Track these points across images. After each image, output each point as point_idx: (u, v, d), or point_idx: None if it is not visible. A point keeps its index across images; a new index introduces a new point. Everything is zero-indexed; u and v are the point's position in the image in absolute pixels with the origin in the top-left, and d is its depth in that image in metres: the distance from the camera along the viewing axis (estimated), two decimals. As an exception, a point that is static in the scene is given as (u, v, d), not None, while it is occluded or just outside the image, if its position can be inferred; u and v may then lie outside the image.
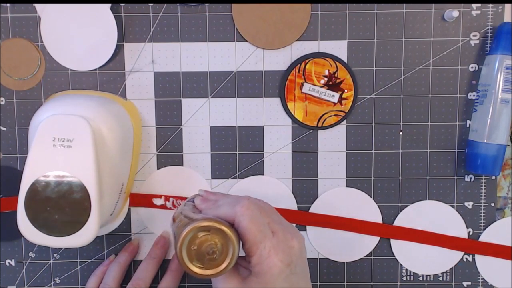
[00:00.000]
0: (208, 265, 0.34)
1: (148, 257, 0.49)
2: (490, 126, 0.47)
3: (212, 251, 0.33)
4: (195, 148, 0.50)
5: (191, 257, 0.33)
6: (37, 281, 0.51)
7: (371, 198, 0.51)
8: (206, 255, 0.33)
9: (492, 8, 0.49)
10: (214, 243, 0.33)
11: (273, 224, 0.36)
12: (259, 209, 0.36)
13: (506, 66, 0.46)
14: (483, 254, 0.51)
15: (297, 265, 0.36)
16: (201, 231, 0.33)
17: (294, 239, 0.36)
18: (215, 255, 0.34)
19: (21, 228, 0.39)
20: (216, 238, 0.33)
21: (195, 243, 0.33)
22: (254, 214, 0.35)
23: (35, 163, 0.38)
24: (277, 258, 0.34)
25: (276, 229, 0.36)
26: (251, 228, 0.34)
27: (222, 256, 0.34)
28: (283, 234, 0.36)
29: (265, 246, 0.34)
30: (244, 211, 0.35)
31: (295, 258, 0.35)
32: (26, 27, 0.48)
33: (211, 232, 0.33)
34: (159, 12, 0.48)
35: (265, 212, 0.37)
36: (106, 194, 0.41)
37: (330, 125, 0.50)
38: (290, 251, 0.35)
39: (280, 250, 0.35)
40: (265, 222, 0.35)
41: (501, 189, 0.51)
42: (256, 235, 0.34)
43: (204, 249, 0.33)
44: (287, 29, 0.48)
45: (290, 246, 0.36)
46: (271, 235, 0.35)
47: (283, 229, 0.36)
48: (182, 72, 0.49)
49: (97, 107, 0.42)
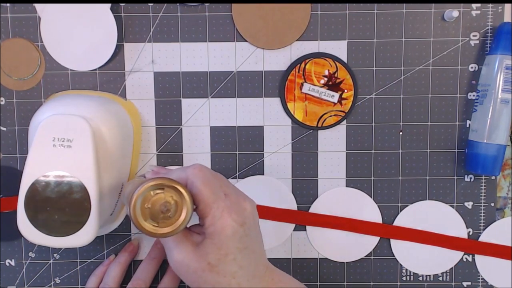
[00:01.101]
0: (162, 223, 0.33)
1: (148, 257, 0.49)
2: (490, 126, 0.47)
3: (166, 209, 0.33)
4: (195, 148, 0.50)
5: (145, 216, 0.33)
6: (37, 281, 0.51)
7: (371, 198, 0.51)
8: (160, 214, 0.33)
9: (492, 8, 0.49)
10: (168, 201, 0.33)
11: (225, 187, 0.37)
12: (211, 173, 0.36)
13: (506, 66, 0.46)
14: (483, 254, 0.51)
15: (250, 227, 0.36)
16: (155, 189, 0.33)
17: (246, 202, 0.37)
18: (169, 213, 0.33)
19: (21, 228, 0.39)
20: (170, 196, 0.33)
21: (149, 202, 0.33)
22: (206, 175, 0.35)
23: (35, 163, 0.38)
24: (230, 218, 0.35)
25: (229, 192, 0.36)
26: (203, 189, 0.35)
27: (176, 215, 0.33)
28: (236, 196, 0.36)
29: (218, 206, 0.35)
30: (196, 172, 0.35)
31: (248, 220, 0.36)
32: (26, 27, 0.48)
33: (165, 190, 0.33)
34: (159, 12, 0.48)
35: (217, 177, 0.37)
36: (106, 194, 0.41)
37: (330, 125, 0.50)
38: (243, 212, 0.36)
39: (233, 210, 0.35)
40: (218, 185, 0.36)
41: (501, 189, 0.51)
42: (209, 196, 0.35)
43: (158, 207, 0.33)
44: (287, 29, 0.48)
45: (243, 207, 0.36)
46: (223, 196, 0.35)
47: (235, 192, 0.37)
48: (182, 72, 0.49)
49: (97, 107, 0.42)
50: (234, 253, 0.35)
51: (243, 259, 0.35)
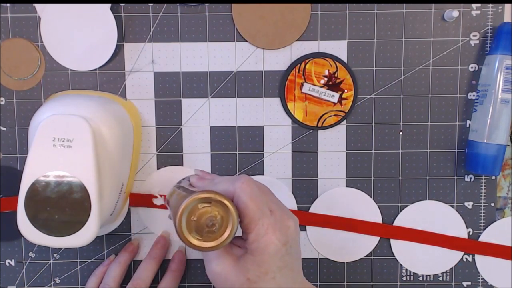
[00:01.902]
0: (206, 237, 0.33)
1: (148, 257, 0.49)
2: (490, 126, 0.47)
3: (212, 223, 0.33)
4: (195, 148, 0.50)
5: (190, 228, 0.33)
6: (37, 281, 0.51)
7: (371, 198, 0.51)
8: (205, 227, 0.33)
9: (492, 8, 0.49)
10: (214, 215, 0.33)
11: (271, 203, 0.36)
12: (258, 187, 0.36)
13: (506, 66, 0.46)
14: (483, 254, 0.51)
15: (292, 245, 0.36)
16: (202, 203, 0.33)
17: (290, 220, 0.36)
18: (215, 228, 0.33)
19: (21, 228, 0.39)
20: (216, 211, 0.33)
21: (195, 215, 0.33)
22: (254, 191, 0.35)
23: (35, 163, 0.38)
24: (274, 236, 0.34)
25: (274, 208, 0.36)
26: (250, 204, 0.34)
27: (221, 230, 0.33)
28: (281, 213, 0.36)
29: (263, 223, 0.34)
30: (244, 187, 0.35)
31: (290, 238, 0.36)
32: (26, 27, 0.48)
33: (212, 204, 0.33)
34: (159, 12, 0.49)
35: (264, 192, 0.37)
36: (106, 194, 0.41)
37: (330, 125, 0.50)
38: (286, 231, 0.35)
39: (277, 228, 0.35)
40: (264, 201, 0.36)
41: (501, 189, 0.51)
42: (255, 212, 0.34)
43: (203, 221, 0.33)
44: (287, 29, 0.48)
45: (287, 225, 0.36)
46: (269, 213, 0.35)
47: (280, 209, 0.37)
48: (182, 72, 0.49)
49: (97, 107, 0.42)
50: (274, 271, 0.35)
51: (281, 278, 0.35)
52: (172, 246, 0.51)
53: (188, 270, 0.51)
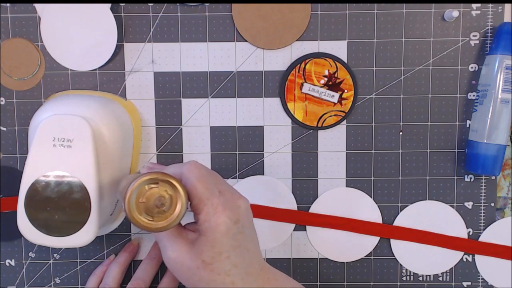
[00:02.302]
0: (157, 218, 0.33)
1: (148, 257, 0.49)
2: (490, 126, 0.47)
3: (161, 203, 0.33)
4: (195, 148, 0.50)
5: (140, 210, 0.33)
6: (37, 281, 0.51)
7: (371, 198, 0.51)
8: (155, 208, 0.33)
9: (492, 8, 0.49)
10: (162, 195, 0.33)
11: (220, 185, 0.37)
12: (206, 170, 0.37)
13: (506, 66, 0.46)
14: (483, 254, 0.51)
15: (244, 225, 0.36)
16: (149, 184, 0.33)
17: (240, 199, 0.37)
18: (164, 207, 0.33)
19: (21, 228, 0.39)
20: (164, 190, 0.33)
21: (143, 196, 0.33)
22: (201, 172, 0.36)
23: (35, 163, 0.38)
24: (224, 214, 0.35)
25: (223, 189, 0.36)
26: (198, 185, 0.35)
27: (171, 209, 0.34)
28: (230, 194, 0.37)
29: (212, 202, 0.35)
30: (192, 168, 0.35)
31: (242, 217, 0.36)
32: (26, 27, 0.48)
33: (159, 185, 0.33)
34: (159, 12, 0.49)
35: (212, 174, 0.37)
36: (106, 194, 0.41)
37: (330, 125, 0.50)
38: (237, 210, 0.36)
39: (227, 207, 0.35)
40: (212, 182, 0.36)
41: (501, 189, 0.51)
42: (204, 192, 0.35)
43: (153, 202, 0.33)
44: (287, 29, 0.48)
45: (237, 205, 0.36)
46: (218, 193, 0.35)
47: (230, 189, 0.37)
48: (182, 72, 0.49)
49: (97, 107, 0.42)
50: (228, 251, 0.35)
51: (237, 257, 0.35)
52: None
53: (188, 270, 0.51)
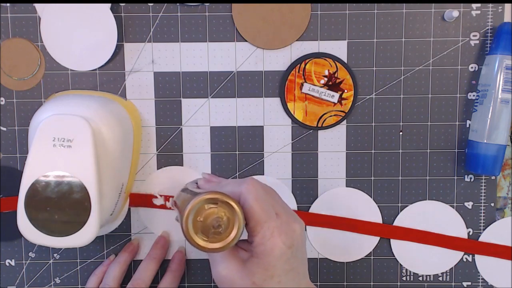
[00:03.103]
0: (212, 238, 0.33)
1: (148, 257, 0.49)
2: (490, 126, 0.47)
3: (218, 224, 0.33)
4: (195, 148, 0.50)
5: (196, 229, 0.33)
6: (37, 281, 0.51)
7: (371, 198, 0.51)
8: (212, 228, 0.33)
9: (492, 8, 0.49)
10: (220, 216, 0.33)
11: (277, 206, 0.36)
12: (264, 190, 0.36)
13: (506, 66, 0.46)
14: (483, 254, 0.51)
15: (297, 249, 0.36)
16: (208, 203, 0.33)
17: (296, 223, 0.36)
18: (221, 229, 0.33)
19: (21, 228, 0.39)
20: (223, 212, 0.33)
21: (201, 215, 0.33)
22: (260, 193, 0.35)
23: (35, 163, 0.38)
24: (279, 239, 0.34)
25: (280, 211, 0.36)
26: (256, 207, 0.34)
27: (228, 231, 0.33)
28: (287, 216, 0.36)
29: (269, 226, 0.34)
30: (250, 189, 0.35)
31: (296, 242, 0.36)
32: (26, 27, 0.48)
33: (218, 205, 0.33)
34: (159, 12, 0.49)
35: (270, 194, 0.37)
36: (106, 194, 0.41)
37: (330, 125, 0.50)
38: (292, 234, 0.35)
39: (283, 231, 0.35)
40: (270, 203, 0.36)
41: (501, 189, 0.51)
42: (261, 215, 0.34)
43: (210, 222, 0.33)
44: (287, 29, 0.48)
45: (293, 229, 0.36)
46: (275, 216, 0.35)
47: (286, 212, 0.36)
48: (182, 72, 0.49)
49: (97, 107, 0.42)
50: (280, 275, 0.34)
51: (287, 281, 0.35)
52: (172, 246, 0.51)
53: (188, 270, 0.51)
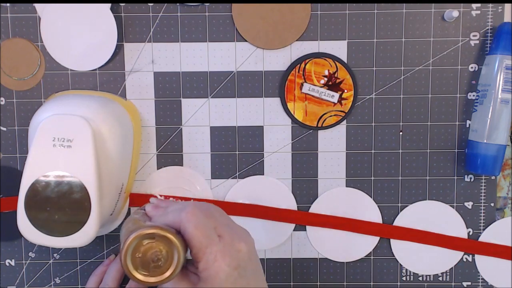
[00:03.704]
0: (153, 272, 0.33)
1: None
2: (490, 126, 0.47)
3: (157, 258, 0.33)
4: (195, 148, 0.50)
5: (136, 264, 0.33)
6: (37, 281, 0.51)
7: (371, 198, 0.51)
8: (151, 263, 0.33)
9: (492, 8, 0.49)
10: (159, 250, 0.33)
11: (220, 227, 0.36)
12: (204, 214, 0.36)
13: (506, 66, 0.46)
14: (483, 254, 0.51)
15: (246, 268, 0.35)
16: (146, 239, 0.33)
17: (241, 242, 0.36)
18: (160, 263, 0.33)
19: (21, 228, 0.39)
20: (161, 245, 0.33)
21: (140, 251, 0.33)
22: (199, 219, 0.35)
23: (35, 163, 0.38)
24: (223, 262, 0.34)
25: (223, 233, 0.36)
26: (196, 234, 0.34)
27: (167, 263, 0.33)
28: (230, 237, 0.36)
29: (211, 251, 0.34)
30: (189, 217, 0.35)
31: (243, 262, 0.35)
32: (26, 27, 0.48)
33: (156, 240, 0.33)
34: (159, 12, 0.49)
35: (212, 216, 0.37)
36: (106, 194, 0.41)
37: (330, 125, 0.50)
38: (237, 255, 0.35)
39: (227, 254, 0.35)
40: (211, 227, 0.35)
41: (501, 189, 0.51)
42: (202, 241, 0.34)
43: (149, 256, 0.33)
44: (287, 29, 0.48)
45: (238, 249, 0.35)
46: (217, 239, 0.35)
47: (230, 233, 0.36)
48: (182, 72, 0.49)
49: (97, 107, 0.42)
50: None
51: None
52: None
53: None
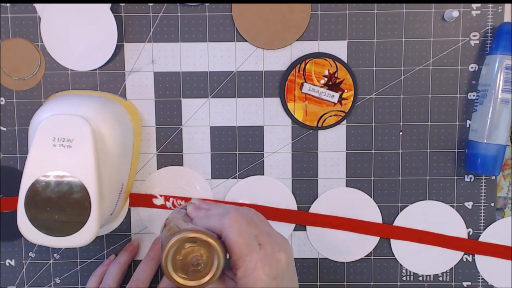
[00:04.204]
0: (192, 276, 0.34)
1: (147, 258, 0.49)
2: (490, 126, 0.47)
3: (197, 262, 0.33)
4: (195, 148, 0.50)
5: (176, 267, 0.33)
6: (37, 281, 0.51)
7: (371, 198, 0.51)
8: (191, 266, 0.33)
9: (492, 8, 0.49)
10: (199, 255, 0.33)
11: (261, 236, 0.36)
12: (247, 221, 0.36)
13: (506, 66, 0.46)
14: (483, 254, 0.51)
15: (283, 278, 0.35)
16: (188, 242, 0.33)
17: (281, 252, 0.36)
18: (200, 267, 0.33)
19: (21, 228, 0.39)
20: (202, 250, 0.33)
21: (181, 254, 0.33)
22: (242, 226, 0.35)
23: (35, 163, 0.38)
24: (263, 272, 0.34)
25: (264, 242, 0.36)
26: (237, 241, 0.34)
27: (207, 268, 0.34)
28: (271, 246, 0.36)
29: (251, 259, 0.34)
30: (231, 224, 0.35)
31: (281, 272, 0.35)
32: (26, 27, 0.48)
33: (198, 244, 0.33)
34: (159, 12, 0.49)
35: (254, 224, 0.37)
36: (106, 194, 0.41)
37: (330, 125, 0.50)
38: (277, 265, 0.35)
39: (266, 263, 0.34)
40: (253, 235, 0.35)
41: (501, 189, 0.51)
42: (243, 249, 0.34)
43: (189, 260, 0.33)
44: (287, 29, 0.48)
45: (277, 259, 0.35)
46: (258, 248, 0.35)
47: (271, 242, 0.36)
48: (182, 72, 0.49)
49: (97, 107, 0.42)
50: None
51: None
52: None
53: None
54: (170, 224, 0.38)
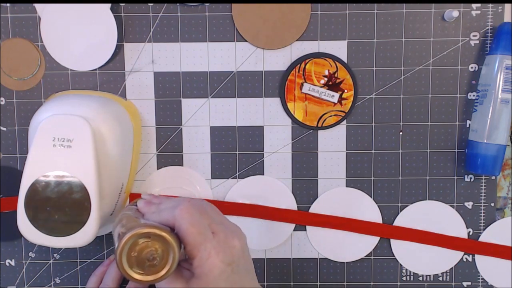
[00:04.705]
0: (148, 271, 0.34)
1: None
2: (490, 126, 0.47)
3: (153, 257, 0.33)
4: (195, 148, 0.50)
5: (131, 263, 0.33)
6: (37, 281, 0.51)
7: (371, 198, 0.51)
8: (147, 261, 0.33)
9: (492, 8, 0.49)
10: (154, 249, 0.33)
11: (214, 225, 0.36)
12: (199, 211, 0.36)
13: (506, 66, 0.46)
14: (483, 254, 0.51)
15: (239, 264, 0.36)
16: (141, 238, 0.33)
17: (235, 239, 0.36)
18: (156, 261, 0.34)
19: (21, 228, 0.39)
20: (157, 244, 0.33)
21: (135, 250, 0.33)
22: (194, 216, 0.35)
23: (35, 163, 0.38)
24: (217, 258, 0.34)
25: (217, 230, 0.36)
26: (190, 231, 0.34)
27: (163, 262, 0.34)
28: (224, 234, 0.36)
29: (205, 247, 0.34)
30: (183, 214, 0.35)
31: (236, 258, 0.36)
32: (26, 27, 0.48)
33: (151, 238, 0.33)
34: (159, 12, 0.49)
35: (206, 213, 0.37)
36: (106, 194, 0.41)
37: (330, 125, 0.50)
38: (231, 251, 0.35)
39: (221, 250, 0.35)
40: (205, 224, 0.36)
41: (501, 189, 0.51)
42: (196, 238, 0.34)
43: (144, 255, 0.33)
44: (287, 29, 0.48)
45: (231, 245, 0.36)
46: (211, 236, 0.35)
47: (224, 229, 0.36)
48: (182, 72, 0.49)
49: (97, 107, 0.42)
50: None
51: None
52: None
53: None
54: (122, 221, 0.38)
